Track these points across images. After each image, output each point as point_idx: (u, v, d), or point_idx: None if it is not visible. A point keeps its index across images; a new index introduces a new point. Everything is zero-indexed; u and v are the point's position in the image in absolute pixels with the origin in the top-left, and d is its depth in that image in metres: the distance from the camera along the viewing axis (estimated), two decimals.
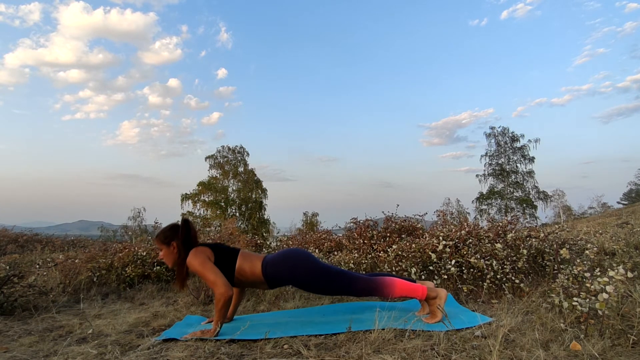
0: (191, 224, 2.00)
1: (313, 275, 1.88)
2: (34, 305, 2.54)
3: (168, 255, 1.96)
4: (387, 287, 1.90)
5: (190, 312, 2.40)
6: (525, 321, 1.76)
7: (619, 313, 1.54)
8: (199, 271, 1.84)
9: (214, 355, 1.54)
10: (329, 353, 1.50)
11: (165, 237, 1.95)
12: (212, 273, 1.83)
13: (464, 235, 2.82)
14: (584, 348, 1.38)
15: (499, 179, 23.52)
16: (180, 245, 1.93)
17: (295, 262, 1.91)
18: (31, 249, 6.87)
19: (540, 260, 2.75)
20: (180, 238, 1.94)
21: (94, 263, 3.39)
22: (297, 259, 1.93)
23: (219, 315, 1.79)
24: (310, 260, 1.93)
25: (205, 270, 1.82)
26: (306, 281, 1.90)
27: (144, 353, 1.59)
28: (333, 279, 1.89)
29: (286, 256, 1.94)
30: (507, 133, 23.49)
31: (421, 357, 1.42)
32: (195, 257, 1.86)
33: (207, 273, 1.82)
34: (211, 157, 24.41)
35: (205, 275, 1.83)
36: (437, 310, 1.86)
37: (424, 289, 1.90)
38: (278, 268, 1.92)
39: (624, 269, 1.61)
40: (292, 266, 1.90)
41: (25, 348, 1.73)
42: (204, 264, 1.84)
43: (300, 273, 1.89)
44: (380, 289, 1.90)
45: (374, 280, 1.92)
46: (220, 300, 1.78)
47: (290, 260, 1.92)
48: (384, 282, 1.92)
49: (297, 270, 1.90)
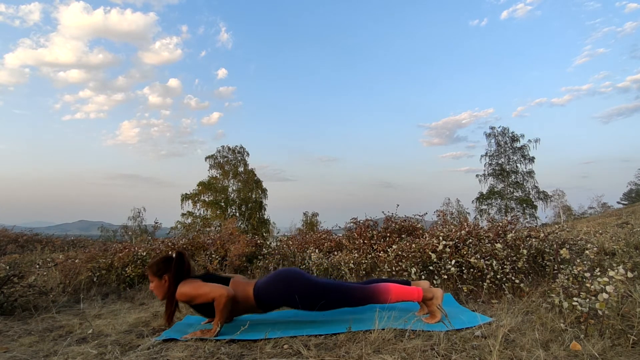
0: (185, 258, 1.96)
1: (307, 294, 1.85)
2: (34, 305, 2.54)
3: (159, 288, 1.94)
4: (382, 293, 1.88)
5: (190, 312, 2.40)
6: (525, 321, 1.76)
7: (619, 313, 1.54)
8: (193, 295, 1.81)
9: (214, 355, 1.54)
10: (329, 353, 1.50)
11: (157, 269, 1.93)
12: (206, 287, 1.82)
13: (464, 235, 2.82)
14: (584, 348, 1.38)
15: (499, 179, 23.51)
16: (172, 279, 1.91)
17: (288, 283, 1.87)
18: (31, 249, 6.87)
19: (540, 260, 2.75)
20: (172, 272, 1.92)
21: (94, 263, 3.39)
22: (290, 278, 1.89)
23: (220, 315, 1.79)
24: (304, 278, 1.90)
25: (199, 289, 1.81)
26: (300, 300, 1.85)
27: (144, 353, 1.59)
28: (328, 294, 1.86)
29: (278, 278, 1.91)
30: (507, 133, 23.49)
31: (421, 357, 1.42)
32: (182, 287, 1.84)
33: (201, 290, 1.81)
34: (211, 157, 24.41)
35: (200, 293, 1.80)
36: (436, 310, 1.86)
37: (419, 291, 1.89)
38: (270, 290, 1.88)
39: (624, 269, 1.61)
40: (284, 287, 1.87)
41: (25, 348, 1.73)
42: (192, 284, 1.83)
43: (294, 292, 1.85)
44: (376, 296, 1.88)
45: (369, 289, 1.90)
46: (221, 301, 1.77)
47: (283, 281, 1.89)
48: (379, 289, 1.90)
49: (290, 290, 1.86)
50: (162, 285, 1.93)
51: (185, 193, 23.01)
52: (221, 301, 1.78)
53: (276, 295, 1.88)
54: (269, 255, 3.56)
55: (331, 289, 1.88)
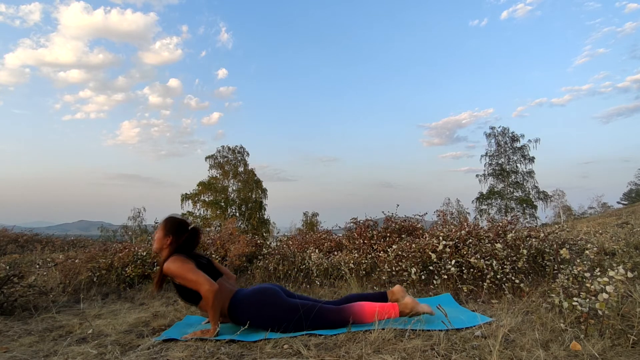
0: (197, 238, 1.98)
1: (278, 318, 1.79)
2: (34, 305, 2.54)
3: (159, 240, 1.95)
4: (356, 314, 1.83)
5: (190, 312, 2.40)
6: (525, 321, 1.76)
7: (619, 313, 1.54)
8: (177, 274, 1.80)
9: (214, 355, 1.54)
10: (329, 353, 1.50)
11: (170, 226, 1.96)
12: (193, 273, 1.80)
13: (464, 235, 2.83)
14: (584, 348, 1.38)
15: (499, 179, 23.52)
16: (173, 244, 1.92)
17: (261, 305, 1.83)
18: (31, 249, 6.86)
19: (540, 260, 2.76)
20: (176, 239, 1.93)
21: (94, 263, 3.39)
22: (264, 297, 1.85)
23: (213, 313, 1.79)
24: (278, 298, 1.85)
25: (186, 273, 1.79)
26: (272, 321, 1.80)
27: (144, 353, 1.59)
28: (306, 311, 1.81)
29: (253, 297, 1.86)
30: (507, 133, 23.51)
31: (421, 357, 1.42)
32: (172, 261, 1.83)
33: (187, 274, 1.79)
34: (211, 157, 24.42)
35: (185, 276, 1.79)
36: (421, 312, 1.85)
37: (395, 308, 1.85)
38: (245, 308, 1.84)
39: (624, 269, 1.61)
40: (259, 307, 1.82)
41: (25, 348, 1.73)
42: (183, 266, 1.81)
43: (265, 314, 1.81)
44: (352, 316, 1.82)
45: (343, 310, 1.85)
46: (209, 297, 1.76)
47: (257, 299, 1.85)
48: (352, 309, 1.85)
49: (261, 312, 1.82)
50: (163, 241, 1.94)
51: (185, 193, 23.03)
52: (209, 297, 1.76)
53: (249, 314, 1.83)
54: (269, 255, 3.56)
55: (308, 308, 1.82)
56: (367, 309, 1.84)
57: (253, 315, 1.82)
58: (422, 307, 1.87)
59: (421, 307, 1.86)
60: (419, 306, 1.86)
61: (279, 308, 1.82)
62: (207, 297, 1.77)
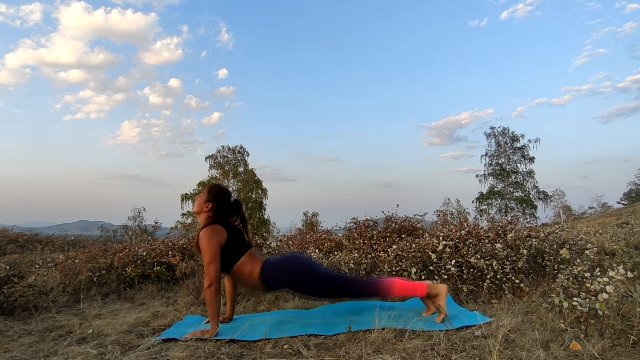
0: (240, 210, 2.05)
1: (312, 282, 1.89)
2: (34, 305, 2.53)
3: (200, 205, 2.01)
4: (385, 287, 1.91)
5: (190, 312, 2.40)
6: (525, 321, 1.76)
7: (619, 313, 1.54)
8: (204, 246, 1.85)
9: (214, 355, 1.54)
10: (329, 353, 1.50)
11: (215, 193, 2.01)
12: (213, 257, 1.83)
13: (464, 235, 2.82)
14: (584, 348, 1.38)
15: (499, 179, 23.52)
16: (212, 212, 1.98)
17: (295, 269, 1.92)
18: (31, 249, 6.86)
19: (540, 260, 2.75)
20: (219, 209, 1.98)
21: (94, 263, 3.39)
22: (297, 265, 1.93)
23: (212, 310, 1.80)
24: (311, 266, 1.93)
25: (209, 250, 1.84)
26: (305, 287, 1.90)
27: (144, 353, 1.59)
28: (332, 283, 1.90)
29: (286, 262, 1.95)
30: (507, 133, 23.50)
31: (421, 357, 1.42)
32: (206, 235, 1.87)
33: (209, 252, 1.83)
34: (211, 157, 24.42)
35: (206, 253, 1.84)
36: (440, 307, 1.87)
37: (423, 286, 1.91)
38: (276, 274, 1.92)
39: (624, 269, 1.61)
40: (291, 272, 1.91)
41: (25, 348, 1.73)
42: (211, 246, 1.85)
43: (299, 279, 1.90)
44: (379, 289, 1.91)
45: (372, 282, 1.94)
46: (206, 294, 1.80)
47: (290, 266, 1.93)
48: (382, 283, 1.93)
49: (296, 276, 1.90)
50: (203, 205, 1.99)
51: (185, 193, 23.03)
52: (206, 294, 1.80)
53: (281, 279, 1.91)
54: (269, 255, 3.56)
55: (334, 282, 1.91)
56: (396, 283, 1.92)
57: (285, 280, 1.90)
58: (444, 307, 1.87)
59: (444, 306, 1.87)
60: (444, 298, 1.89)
61: (311, 275, 1.89)
62: (205, 293, 1.81)
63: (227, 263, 1.91)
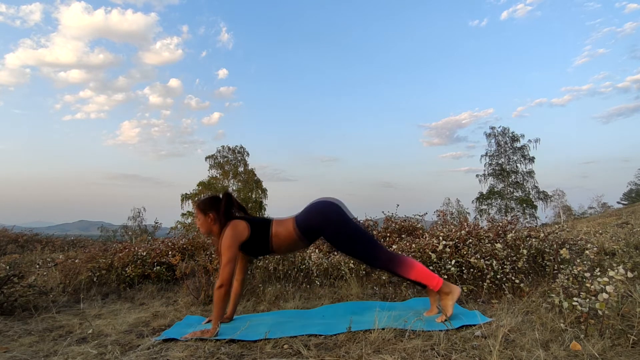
0: (233, 199, 2.06)
1: (342, 227, 1.90)
2: (34, 305, 2.53)
3: (203, 224, 2.03)
4: (406, 265, 1.91)
5: (190, 312, 2.40)
6: (525, 321, 1.76)
7: (619, 313, 1.54)
8: (225, 245, 1.87)
9: (214, 355, 1.54)
10: (329, 353, 1.50)
11: (204, 206, 2.03)
12: (231, 259, 1.85)
13: (464, 235, 2.83)
14: (584, 348, 1.38)
15: (499, 179, 23.53)
16: (221, 218, 1.99)
17: (326, 209, 1.95)
18: (31, 249, 6.87)
19: (540, 260, 2.75)
20: (221, 211, 2.00)
21: (94, 263, 3.39)
22: (329, 205, 1.96)
23: (217, 311, 1.81)
24: (341, 209, 1.96)
25: (229, 251, 1.86)
26: (335, 232, 1.91)
27: (144, 353, 1.59)
28: (361, 237, 1.92)
29: (317, 204, 1.99)
30: (507, 133, 23.51)
31: (421, 357, 1.42)
32: (232, 231, 1.90)
33: (228, 253, 1.85)
34: (211, 157, 24.43)
35: (225, 253, 1.86)
36: (449, 306, 1.86)
37: (439, 279, 1.90)
38: (309, 217, 1.95)
39: (624, 269, 1.61)
40: (323, 214, 1.93)
41: (25, 348, 1.73)
42: (232, 246, 1.87)
43: (332, 221, 1.91)
44: (399, 265, 1.90)
45: (395, 255, 1.94)
46: (216, 293, 1.82)
47: (321, 206, 1.96)
48: (404, 259, 1.93)
49: (328, 218, 1.92)
50: (207, 221, 2.02)
51: (185, 193, 23.04)
52: (219, 294, 1.82)
53: (313, 222, 1.94)
54: (269, 255, 3.55)
55: (365, 234, 1.94)
56: (417, 265, 1.91)
57: (318, 221, 1.92)
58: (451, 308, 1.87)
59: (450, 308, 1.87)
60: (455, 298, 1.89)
61: (341, 218, 1.92)
62: (215, 292, 1.84)
63: (263, 242, 1.94)
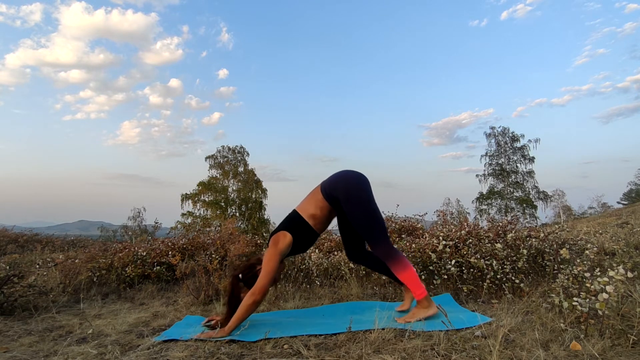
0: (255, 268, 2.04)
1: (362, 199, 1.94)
2: (34, 305, 2.54)
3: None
4: (401, 265, 1.92)
5: (190, 312, 2.40)
6: (525, 321, 1.76)
7: (619, 313, 1.54)
8: (267, 257, 1.89)
9: (214, 355, 1.54)
10: (329, 353, 1.50)
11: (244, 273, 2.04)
12: (271, 271, 1.86)
13: (464, 235, 2.83)
14: (584, 348, 1.38)
15: (499, 179, 23.53)
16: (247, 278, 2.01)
17: (349, 176, 2.00)
18: (31, 249, 6.87)
19: (540, 260, 2.75)
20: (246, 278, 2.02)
21: (94, 263, 3.39)
22: (352, 177, 2.01)
23: (240, 316, 1.79)
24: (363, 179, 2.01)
25: (271, 262, 1.87)
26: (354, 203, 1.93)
27: (144, 353, 1.59)
28: (377, 217, 1.96)
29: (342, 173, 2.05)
30: (507, 133, 23.51)
31: (421, 357, 1.42)
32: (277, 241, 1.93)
33: (270, 264, 1.87)
34: (211, 157, 24.42)
35: (267, 264, 1.87)
36: (417, 315, 1.85)
37: (425, 291, 1.89)
38: (333, 184, 2.00)
39: (624, 269, 1.61)
40: (346, 182, 1.98)
41: (25, 348, 1.73)
42: (275, 258, 1.89)
43: (352, 190, 1.95)
44: (395, 261, 1.92)
45: (396, 252, 1.96)
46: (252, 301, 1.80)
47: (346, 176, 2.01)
48: (402, 260, 1.94)
49: (349, 186, 1.96)
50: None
51: (185, 193, 23.02)
52: (249, 302, 1.80)
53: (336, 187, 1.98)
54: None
55: (379, 217, 1.98)
56: (410, 269, 1.93)
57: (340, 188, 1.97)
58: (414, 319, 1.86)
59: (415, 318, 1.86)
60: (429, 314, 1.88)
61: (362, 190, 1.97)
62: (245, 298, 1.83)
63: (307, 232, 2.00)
